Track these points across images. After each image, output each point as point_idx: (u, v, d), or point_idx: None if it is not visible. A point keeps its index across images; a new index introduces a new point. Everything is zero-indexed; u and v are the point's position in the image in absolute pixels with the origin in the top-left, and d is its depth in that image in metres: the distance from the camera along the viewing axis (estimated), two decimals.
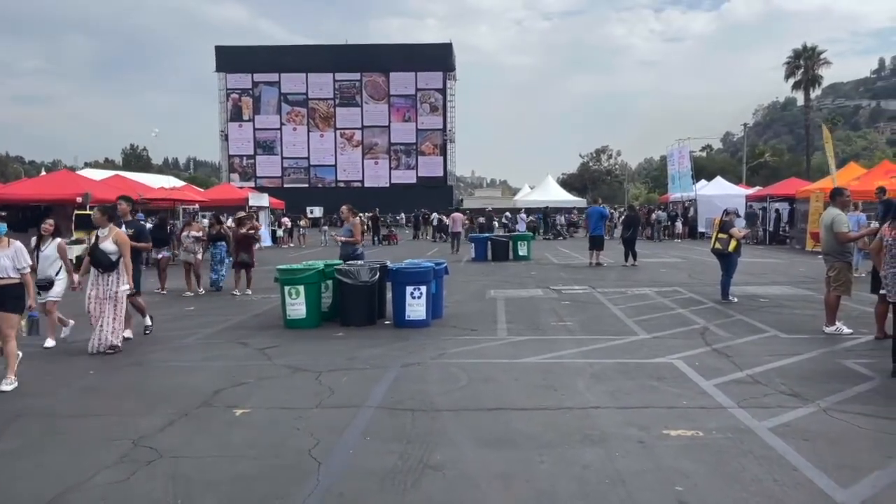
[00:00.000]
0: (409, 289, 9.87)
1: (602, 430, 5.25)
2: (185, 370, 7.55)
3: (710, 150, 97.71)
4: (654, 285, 14.78)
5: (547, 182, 62.43)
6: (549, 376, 6.97)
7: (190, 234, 14.84)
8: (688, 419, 5.47)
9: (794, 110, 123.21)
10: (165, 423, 5.57)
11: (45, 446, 5.12)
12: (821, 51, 63.07)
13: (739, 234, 12.21)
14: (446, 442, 5.05)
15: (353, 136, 75.63)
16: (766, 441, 4.94)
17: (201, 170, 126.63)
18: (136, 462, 4.70)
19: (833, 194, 9.69)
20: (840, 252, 9.06)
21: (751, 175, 59.11)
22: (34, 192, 21.94)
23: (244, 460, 4.74)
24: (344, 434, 5.24)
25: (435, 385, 6.69)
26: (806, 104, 67.54)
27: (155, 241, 14.45)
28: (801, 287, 14.09)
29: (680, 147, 42.24)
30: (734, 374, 6.93)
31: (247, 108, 75.24)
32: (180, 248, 14.67)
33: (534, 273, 18.28)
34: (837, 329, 8.96)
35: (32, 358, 8.35)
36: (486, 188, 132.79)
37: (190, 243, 14.66)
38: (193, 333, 9.81)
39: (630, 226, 20.57)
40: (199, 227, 15.49)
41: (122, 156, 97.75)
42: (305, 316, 9.97)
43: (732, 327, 9.58)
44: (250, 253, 14.48)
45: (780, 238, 30.10)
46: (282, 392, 6.55)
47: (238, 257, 14.37)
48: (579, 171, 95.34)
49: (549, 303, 12.43)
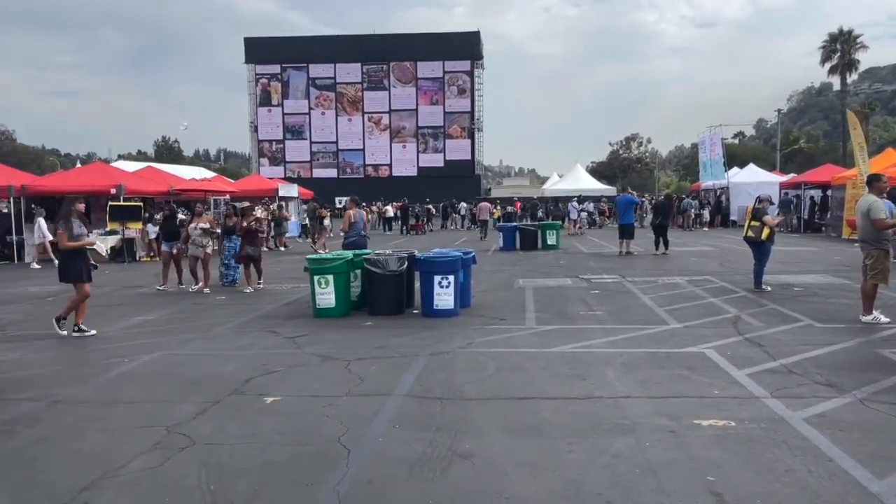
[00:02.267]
0: (437, 278, 9.87)
1: (632, 419, 5.21)
2: (217, 358, 7.65)
3: (743, 137, 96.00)
4: (685, 274, 14.60)
5: (576, 170, 61.85)
6: (577, 366, 6.94)
7: (198, 225, 13.67)
8: (720, 409, 5.40)
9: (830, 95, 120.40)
10: (198, 410, 5.65)
11: (81, 433, 5.22)
12: (857, 34, 61.54)
13: (773, 221, 11.99)
14: (475, 430, 5.05)
15: (381, 119, 75.71)
16: (800, 431, 4.85)
17: (231, 161, 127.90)
18: (169, 448, 4.78)
19: (870, 180, 9.47)
20: (877, 239, 8.85)
21: (785, 162, 58.05)
22: (69, 184, 22.33)
23: (274, 447, 4.79)
24: (373, 422, 5.27)
25: (463, 374, 6.69)
26: (842, 89, 66.02)
27: (165, 234, 14.56)
28: (836, 275, 13.82)
29: (711, 134, 41.64)
30: (767, 363, 6.82)
31: (276, 93, 75.72)
32: (190, 242, 13.66)
33: (562, 262, 18.18)
34: (875, 318, 8.77)
35: (66, 346, 8.54)
36: (513, 177, 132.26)
37: (198, 236, 13.56)
38: (225, 322, 9.93)
39: (661, 213, 20.33)
40: (208, 218, 14.49)
41: (154, 148, 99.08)
42: (335, 305, 10.04)
43: (765, 316, 9.43)
44: (256, 246, 13.69)
45: (815, 226, 29.55)
46: (311, 380, 6.61)
47: (243, 250, 13.54)
48: (609, 160, 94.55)
49: (578, 292, 12.35)
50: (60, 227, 9.00)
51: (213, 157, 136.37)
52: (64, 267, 9.17)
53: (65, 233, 8.91)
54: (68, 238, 8.91)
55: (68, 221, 8.96)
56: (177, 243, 14.06)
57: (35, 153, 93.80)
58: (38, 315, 11.05)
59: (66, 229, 8.91)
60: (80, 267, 9.07)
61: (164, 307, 11.57)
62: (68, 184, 22.37)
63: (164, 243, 14.57)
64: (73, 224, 8.97)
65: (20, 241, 21.16)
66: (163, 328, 9.63)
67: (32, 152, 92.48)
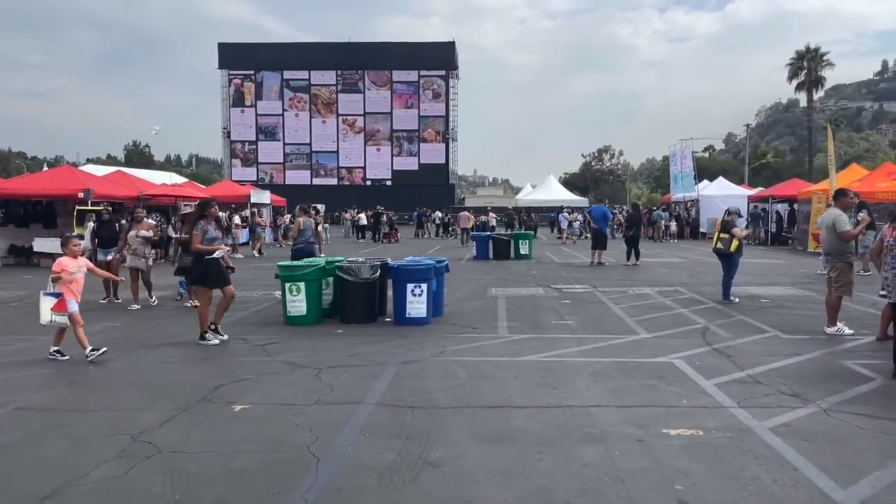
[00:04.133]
0: (410, 286, 9.86)
1: (602, 428, 5.24)
2: (185, 365, 7.55)
3: (713, 151, 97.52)
4: (656, 285, 14.76)
5: (549, 181, 62.44)
6: (549, 374, 6.96)
7: (139, 233, 12.16)
8: (688, 418, 5.46)
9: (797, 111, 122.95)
10: (164, 418, 5.57)
11: (43, 440, 5.11)
12: (824, 52, 63.02)
13: (741, 233, 12.19)
14: (445, 439, 5.04)
15: (355, 122, 75.55)
16: (766, 441, 4.92)
17: (203, 166, 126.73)
18: (134, 457, 4.70)
19: (837, 195, 9.68)
20: (841, 252, 9.04)
21: (753, 176, 58.99)
22: (36, 187, 21.93)
23: (243, 455, 4.73)
24: (343, 430, 5.24)
25: (435, 382, 6.68)
26: (809, 105, 67.43)
27: (101, 240, 13.26)
28: (802, 288, 14.07)
29: (682, 147, 42.21)
30: (735, 373, 6.92)
31: (249, 93, 75.22)
32: (128, 251, 12.20)
33: (535, 272, 18.26)
34: (839, 330, 8.94)
35: (29, 352, 8.36)
36: (487, 187, 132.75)
37: (139, 245, 12.12)
38: (194, 329, 9.78)
39: (633, 224, 20.56)
40: (149, 224, 12.82)
41: (124, 152, 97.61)
42: (306, 313, 9.97)
43: (733, 327, 9.56)
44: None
45: (781, 239, 30.07)
46: (281, 388, 6.55)
47: (182, 262, 11.63)
48: (581, 171, 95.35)
49: (550, 301, 12.42)
50: (196, 228, 8.77)
51: (184, 163, 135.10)
52: (194, 269, 8.97)
53: (199, 234, 8.69)
54: (201, 241, 8.69)
55: (203, 224, 8.76)
56: (112, 251, 12.83)
57: (0, 156, 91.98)
58: (0, 321, 10.80)
59: (201, 231, 8.70)
60: (215, 270, 8.80)
61: (131, 313, 11.39)
62: (35, 187, 21.96)
63: (99, 251, 13.17)
64: (208, 227, 8.76)
65: None
66: (130, 334, 9.48)
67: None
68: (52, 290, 7.73)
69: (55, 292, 7.69)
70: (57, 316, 7.61)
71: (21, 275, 17.77)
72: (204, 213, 8.95)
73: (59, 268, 7.83)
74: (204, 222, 8.82)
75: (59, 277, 7.73)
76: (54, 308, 7.59)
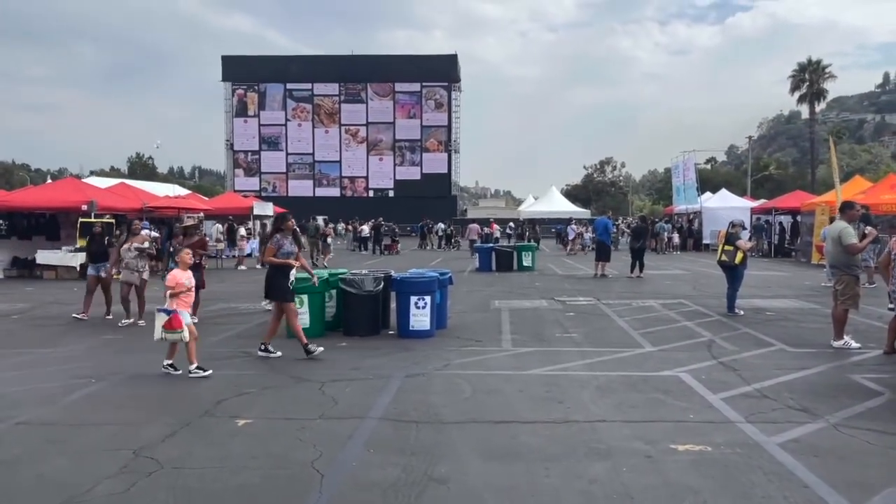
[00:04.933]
0: (414, 299, 9.82)
1: (608, 443, 5.18)
2: (188, 379, 7.50)
3: (715, 163, 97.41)
4: (659, 297, 14.70)
5: (551, 193, 62.47)
6: (554, 388, 6.91)
7: (132, 246, 11.45)
8: (695, 433, 5.40)
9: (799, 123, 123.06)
10: (167, 433, 5.52)
11: (44, 456, 5.06)
12: (825, 64, 63.09)
13: (746, 245, 12.14)
14: (450, 454, 4.98)
15: (358, 132, 75.59)
16: (775, 457, 4.86)
17: (206, 178, 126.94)
18: (136, 473, 4.65)
19: (843, 207, 9.62)
20: (847, 265, 8.98)
21: (755, 188, 58.98)
22: (40, 199, 21.96)
23: (246, 471, 4.68)
24: (347, 445, 5.18)
25: (439, 396, 6.63)
26: (811, 117, 67.47)
27: (92, 255, 12.57)
28: (807, 300, 14.00)
29: (685, 159, 42.18)
30: (741, 387, 6.85)
31: (252, 103, 75.34)
32: (121, 265, 11.55)
33: (538, 284, 18.21)
34: (845, 343, 8.88)
35: (30, 366, 8.33)
36: (489, 199, 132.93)
37: (132, 258, 11.38)
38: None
39: (641, 236, 20.57)
40: (144, 237, 12.04)
41: (127, 164, 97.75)
42: (309, 325, 9.89)
43: (739, 340, 9.50)
44: (198, 272, 11.00)
45: (785, 251, 30.01)
46: (284, 402, 6.50)
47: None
48: (584, 183, 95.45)
49: (554, 314, 12.36)
50: (271, 242, 8.63)
51: (187, 175, 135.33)
52: (270, 284, 8.68)
53: (272, 248, 8.56)
54: (274, 254, 8.55)
55: (279, 238, 8.60)
56: (105, 265, 12.14)
57: (4, 168, 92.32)
58: (1, 333, 10.77)
59: (276, 245, 8.55)
60: (285, 285, 8.58)
61: (134, 325, 11.36)
62: (39, 199, 22.00)
63: (90, 266, 12.55)
64: (283, 241, 8.59)
65: None
66: (131, 347, 9.44)
67: (1, 167, 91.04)
68: (165, 307, 7.47)
69: (167, 308, 7.43)
70: (168, 333, 7.37)
71: (24, 287, 17.75)
72: (280, 227, 8.79)
73: (174, 281, 7.54)
74: (280, 236, 8.64)
75: (175, 292, 7.48)
76: (165, 325, 7.34)
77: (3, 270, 21.13)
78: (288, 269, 8.61)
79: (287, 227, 8.79)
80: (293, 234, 8.85)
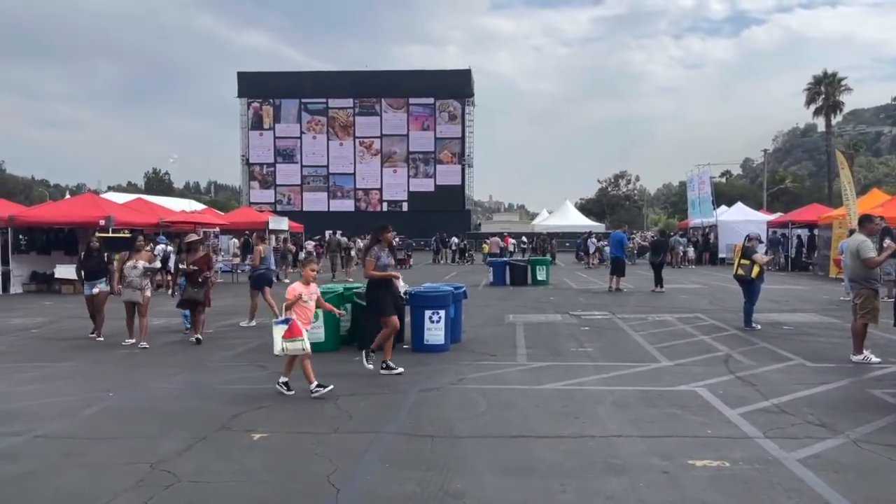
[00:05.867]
0: (428, 313, 9.82)
1: (624, 459, 5.14)
2: (204, 393, 7.53)
3: (730, 176, 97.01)
4: (675, 311, 14.60)
5: (565, 207, 62.46)
6: (569, 403, 6.87)
7: (137, 264, 10.91)
8: (713, 449, 5.35)
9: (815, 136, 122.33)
10: (183, 446, 5.54)
11: (62, 469, 5.10)
12: (841, 77, 62.72)
13: (762, 259, 12.05)
14: (466, 469, 4.96)
15: (372, 144, 75.97)
16: (794, 473, 4.80)
17: (222, 193, 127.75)
18: (153, 486, 4.67)
19: (862, 220, 9.55)
20: (866, 279, 8.89)
21: (771, 201, 58.62)
22: (58, 215, 22.27)
23: (262, 485, 4.69)
24: (362, 460, 5.18)
25: (454, 411, 6.61)
26: (827, 130, 67.04)
27: (87, 272, 11.77)
28: (826, 314, 13.86)
29: (700, 173, 42.03)
30: (760, 402, 6.78)
31: (267, 116, 75.97)
32: (124, 284, 10.92)
33: (552, 298, 18.15)
34: (865, 358, 8.77)
35: (49, 379, 8.40)
36: (503, 213, 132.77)
37: (136, 276, 10.84)
38: (212, 356, 9.80)
39: (660, 250, 20.50)
40: (148, 255, 11.62)
41: (144, 180, 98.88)
42: (324, 339, 9.94)
43: (756, 355, 9.42)
44: (203, 288, 11.07)
45: (802, 265, 29.75)
46: (300, 416, 6.51)
47: (185, 293, 11.02)
48: (597, 197, 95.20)
49: (569, 328, 12.31)
50: (370, 254, 8.47)
51: (203, 190, 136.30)
52: (369, 298, 8.56)
53: (372, 261, 8.38)
54: (374, 267, 8.38)
55: (377, 250, 8.45)
56: (100, 283, 11.64)
57: (24, 184, 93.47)
58: (21, 347, 10.89)
59: (374, 257, 8.39)
60: (385, 298, 8.43)
61: (152, 339, 11.42)
62: (57, 214, 22.29)
63: (85, 284, 11.80)
64: (381, 254, 8.45)
65: (6, 271, 20.94)
66: (150, 361, 9.50)
67: (21, 183, 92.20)
68: (282, 318, 7.26)
69: (284, 319, 7.21)
70: (288, 343, 7.07)
71: (42, 301, 17.93)
72: (379, 238, 8.59)
73: (292, 294, 7.35)
74: (377, 248, 8.46)
75: (291, 304, 7.31)
76: (285, 335, 7.07)
77: (22, 285, 21.41)
78: (387, 281, 8.41)
79: (385, 239, 8.58)
80: (390, 247, 8.65)
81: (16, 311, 16.17)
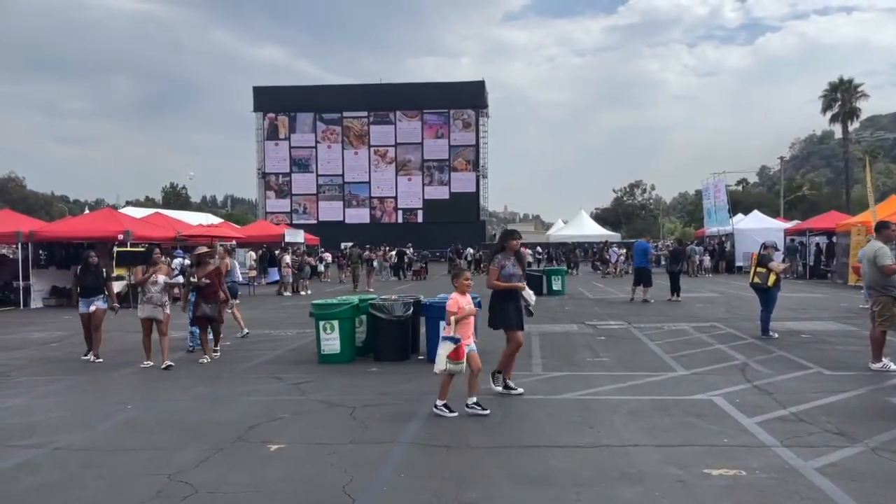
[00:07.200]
0: (443, 323, 9.81)
1: (640, 468, 5.13)
2: (221, 405, 7.59)
3: (746, 184, 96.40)
4: (692, 320, 14.52)
5: (581, 216, 62.19)
6: (585, 413, 6.86)
7: (157, 278, 10.22)
8: (730, 458, 5.32)
9: (832, 143, 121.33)
10: (201, 458, 5.59)
11: (81, 481, 5.16)
12: (858, 83, 62.12)
13: (779, 268, 11.98)
14: (481, 479, 4.97)
15: (387, 153, 76.32)
16: (812, 481, 4.76)
17: (238, 206, 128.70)
18: (171, 497, 4.71)
19: (878, 227, 9.47)
20: (884, 286, 8.81)
21: (788, 209, 58.15)
22: (77, 230, 22.58)
23: (279, 496, 4.72)
24: (378, 470, 5.20)
25: (469, 421, 6.62)
26: (844, 137, 66.42)
27: (83, 289, 10.89)
28: (844, 322, 13.73)
29: (715, 181, 41.84)
30: (777, 411, 6.73)
31: (283, 126, 76.57)
32: (142, 299, 10.41)
33: (568, 308, 18.10)
34: (884, 365, 8.68)
35: (69, 392, 8.50)
36: (518, 223, 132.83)
37: (157, 292, 10.16)
38: (229, 368, 9.87)
39: (678, 260, 20.38)
40: (167, 269, 10.94)
41: (161, 194, 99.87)
42: (340, 351, 9.99)
43: (773, 363, 9.34)
44: (215, 303, 10.71)
45: (820, 272, 29.47)
46: (316, 427, 6.54)
47: (198, 309, 10.58)
48: (613, 206, 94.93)
49: (585, 338, 12.28)
50: (493, 263, 7.82)
51: (220, 204, 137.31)
52: (493, 310, 7.88)
53: (495, 269, 7.73)
54: (498, 277, 7.75)
55: (501, 258, 7.78)
56: (98, 300, 10.82)
57: (44, 199, 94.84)
58: (40, 361, 11.02)
59: (498, 266, 7.74)
60: (510, 311, 7.81)
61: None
62: (76, 230, 22.59)
63: (80, 301, 10.86)
64: (505, 262, 7.76)
65: (27, 286, 21.23)
66: (167, 374, 9.58)
67: (41, 198, 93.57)
68: (451, 335, 6.87)
69: (454, 337, 6.83)
70: (451, 364, 6.76)
71: (62, 315, 18.13)
72: (504, 246, 7.91)
73: (456, 307, 6.96)
74: (502, 256, 7.79)
75: (459, 317, 6.93)
76: (450, 356, 6.74)
77: (42, 300, 21.68)
78: (513, 292, 7.83)
79: (510, 247, 7.87)
80: (516, 255, 7.95)
81: (36, 325, 16.38)
